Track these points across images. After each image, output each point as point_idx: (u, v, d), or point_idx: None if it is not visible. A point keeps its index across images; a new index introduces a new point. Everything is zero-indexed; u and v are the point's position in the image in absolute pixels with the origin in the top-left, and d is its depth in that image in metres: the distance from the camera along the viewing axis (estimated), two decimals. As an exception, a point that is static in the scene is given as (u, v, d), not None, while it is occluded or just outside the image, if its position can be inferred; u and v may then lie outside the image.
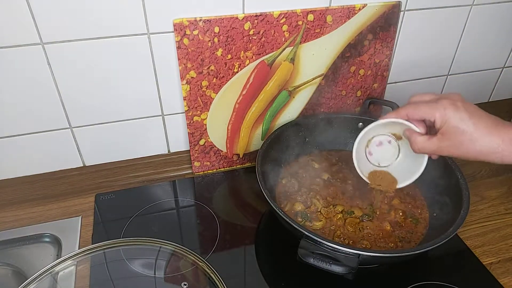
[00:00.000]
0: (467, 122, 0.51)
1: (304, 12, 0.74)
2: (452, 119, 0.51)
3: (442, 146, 0.53)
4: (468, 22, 0.90)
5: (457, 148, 0.52)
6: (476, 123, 0.50)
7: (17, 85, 0.71)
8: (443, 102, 0.52)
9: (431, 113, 0.53)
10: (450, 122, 0.51)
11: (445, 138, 0.52)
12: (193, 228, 0.75)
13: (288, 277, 0.66)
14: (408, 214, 0.72)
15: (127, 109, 0.80)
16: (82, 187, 0.81)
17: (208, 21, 0.70)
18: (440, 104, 0.52)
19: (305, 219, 0.70)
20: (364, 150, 0.64)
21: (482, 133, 0.50)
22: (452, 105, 0.52)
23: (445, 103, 0.52)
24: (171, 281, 0.65)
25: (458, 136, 0.51)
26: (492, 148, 0.50)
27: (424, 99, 0.56)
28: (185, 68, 0.74)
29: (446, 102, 0.52)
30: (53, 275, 0.65)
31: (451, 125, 0.51)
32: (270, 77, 0.79)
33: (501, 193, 0.82)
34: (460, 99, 0.53)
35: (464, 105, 0.52)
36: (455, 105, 0.52)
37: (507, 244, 0.72)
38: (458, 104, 0.52)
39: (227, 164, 0.87)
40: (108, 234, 0.72)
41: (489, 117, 0.52)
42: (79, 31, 0.68)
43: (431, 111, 0.53)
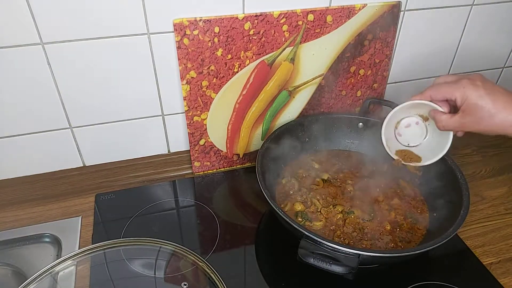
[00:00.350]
0: (485, 98, 0.54)
1: (304, 12, 0.74)
2: (471, 96, 0.55)
3: (464, 122, 0.57)
4: (468, 22, 0.90)
5: (478, 123, 0.56)
6: (494, 100, 0.54)
7: (17, 85, 0.71)
8: (463, 82, 0.56)
9: (452, 93, 0.57)
10: (470, 99, 0.55)
11: (466, 114, 0.56)
12: (193, 228, 0.75)
13: (288, 277, 0.66)
14: (408, 214, 0.72)
15: (127, 109, 0.80)
16: (82, 187, 0.81)
17: (208, 21, 0.70)
18: (460, 84, 0.56)
19: (305, 219, 0.70)
20: (393, 132, 0.67)
21: (500, 108, 0.54)
22: (471, 84, 0.55)
23: (464, 82, 0.56)
24: (171, 281, 0.65)
25: (478, 112, 0.55)
26: (509, 122, 0.54)
27: (446, 80, 0.60)
28: (185, 68, 0.74)
29: (466, 81, 0.56)
30: (53, 275, 0.65)
31: (471, 103, 0.55)
32: (270, 77, 0.79)
33: (501, 193, 0.82)
34: (479, 78, 0.56)
35: (483, 84, 0.55)
36: (474, 84, 0.55)
37: (507, 244, 0.72)
38: (477, 83, 0.55)
39: (227, 164, 0.87)
40: (108, 234, 0.72)
41: (508, 93, 0.55)
42: (79, 31, 0.68)
43: (451, 91, 0.57)
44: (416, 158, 0.70)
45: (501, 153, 0.93)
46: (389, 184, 0.78)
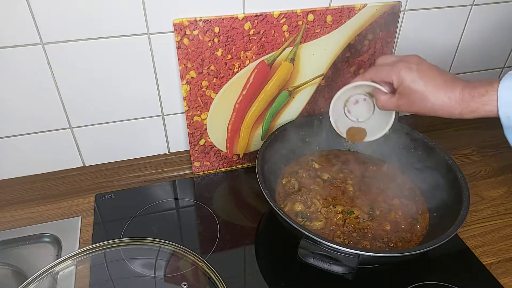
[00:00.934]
0: (418, 82, 0.56)
1: (304, 12, 0.74)
2: (406, 80, 0.57)
3: (399, 104, 0.59)
4: (468, 22, 0.90)
5: (411, 105, 0.58)
6: (426, 83, 0.56)
7: (17, 85, 0.71)
8: (399, 65, 0.58)
9: (389, 76, 0.59)
10: (404, 83, 0.57)
11: (401, 97, 0.58)
12: (193, 228, 0.75)
13: (288, 277, 0.66)
14: (408, 214, 0.72)
15: (127, 109, 0.80)
16: (82, 187, 0.81)
17: (208, 21, 0.70)
18: (396, 67, 0.58)
19: (305, 219, 0.70)
20: (343, 110, 0.70)
21: (432, 92, 0.55)
22: (406, 67, 0.57)
23: (400, 65, 0.58)
24: (171, 281, 0.65)
25: (411, 95, 0.57)
26: (439, 104, 0.55)
27: (386, 61, 0.62)
28: (185, 68, 0.74)
29: (402, 64, 0.58)
30: (53, 275, 0.65)
31: (405, 86, 0.57)
32: (270, 77, 0.79)
33: (501, 193, 0.82)
34: (415, 61, 0.58)
35: (417, 66, 0.57)
36: (409, 68, 0.57)
37: (507, 244, 0.72)
38: (412, 67, 0.57)
39: (227, 164, 0.87)
40: (108, 234, 0.72)
41: (441, 76, 0.56)
42: (79, 31, 0.68)
43: (388, 73, 0.59)
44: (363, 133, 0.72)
45: (501, 153, 0.93)
46: (389, 184, 0.78)
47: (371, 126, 0.69)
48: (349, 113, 0.70)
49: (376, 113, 0.68)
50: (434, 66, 0.58)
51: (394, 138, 0.80)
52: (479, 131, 0.98)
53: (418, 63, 0.58)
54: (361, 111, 0.69)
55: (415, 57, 0.59)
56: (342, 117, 0.71)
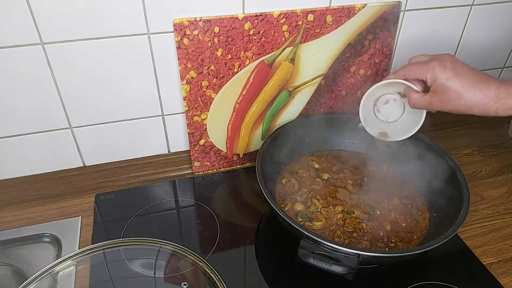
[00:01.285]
0: (453, 80, 0.56)
1: (304, 12, 0.74)
2: (440, 78, 0.57)
3: (433, 102, 0.59)
4: (468, 22, 0.90)
5: (445, 103, 0.58)
6: (461, 81, 0.56)
7: (17, 85, 0.71)
8: (433, 63, 0.58)
9: (422, 73, 0.59)
10: (438, 81, 0.57)
11: (435, 94, 0.58)
12: (193, 228, 0.75)
13: (288, 277, 0.66)
14: (408, 214, 0.72)
15: (127, 109, 0.80)
16: (82, 187, 0.81)
17: (208, 21, 0.70)
18: (430, 64, 0.58)
19: (305, 219, 0.70)
20: (372, 109, 0.70)
21: (466, 89, 0.56)
22: (440, 65, 0.57)
23: (434, 63, 0.58)
24: (171, 281, 0.65)
25: (446, 93, 0.57)
26: (475, 102, 0.56)
27: (420, 60, 0.62)
28: (185, 68, 0.74)
29: (435, 62, 0.58)
30: (53, 275, 0.65)
31: (439, 84, 0.57)
32: (270, 77, 0.79)
33: (501, 193, 0.82)
34: (449, 59, 0.58)
35: (452, 65, 0.57)
36: (443, 65, 0.57)
37: (507, 244, 0.72)
38: (446, 64, 0.57)
39: (227, 164, 0.87)
40: (108, 234, 0.72)
41: (475, 74, 0.57)
42: (79, 31, 0.68)
43: (422, 71, 0.59)
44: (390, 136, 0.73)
45: (501, 153, 0.93)
46: (389, 184, 0.78)
47: (401, 126, 0.69)
48: (379, 113, 0.70)
49: (405, 113, 0.68)
50: (467, 65, 0.58)
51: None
52: (479, 131, 0.98)
53: (452, 61, 0.58)
54: (391, 111, 0.69)
55: (449, 56, 0.59)
56: (371, 116, 0.70)
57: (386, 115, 0.69)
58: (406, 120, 0.68)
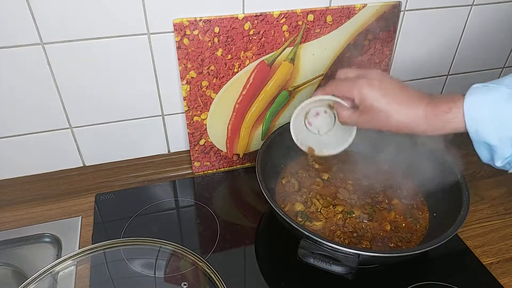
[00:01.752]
0: (381, 101, 0.54)
1: (304, 12, 0.74)
2: (368, 98, 0.55)
3: (361, 121, 0.58)
4: (468, 22, 0.90)
5: (374, 123, 0.56)
6: (389, 101, 0.54)
7: (17, 85, 0.71)
8: (360, 82, 0.56)
9: (350, 92, 0.57)
10: (366, 101, 0.55)
11: (363, 114, 0.56)
12: (193, 228, 0.75)
13: (288, 277, 0.66)
14: (408, 214, 0.72)
15: (127, 109, 0.80)
16: (82, 187, 0.81)
17: (208, 21, 0.70)
18: (357, 84, 0.56)
19: (305, 219, 0.70)
20: (303, 123, 0.68)
21: (395, 109, 0.54)
22: (367, 84, 0.55)
23: (362, 82, 0.55)
24: (171, 281, 0.65)
25: (374, 113, 0.55)
26: (404, 122, 0.54)
27: (347, 75, 0.59)
28: (185, 68, 0.74)
29: (363, 81, 0.55)
30: (53, 275, 0.65)
31: (367, 104, 0.55)
32: (270, 77, 0.79)
33: (501, 193, 0.82)
34: (377, 77, 0.56)
35: (380, 84, 0.55)
36: (371, 85, 0.55)
37: (507, 244, 0.72)
38: (374, 83, 0.55)
39: (227, 164, 0.87)
40: (108, 234, 0.72)
41: (405, 92, 0.54)
42: (79, 31, 0.68)
43: (350, 90, 0.57)
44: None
45: (501, 153, 0.93)
46: (389, 184, 0.78)
47: (334, 138, 0.68)
48: (310, 126, 0.68)
49: (337, 125, 0.66)
50: (397, 81, 0.56)
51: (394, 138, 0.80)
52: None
53: (380, 80, 0.55)
54: (322, 123, 0.67)
55: (377, 73, 0.57)
56: (303, 130, 0.69)
57: (317, 127, 0.68)
58: (338, 132, 0.66)
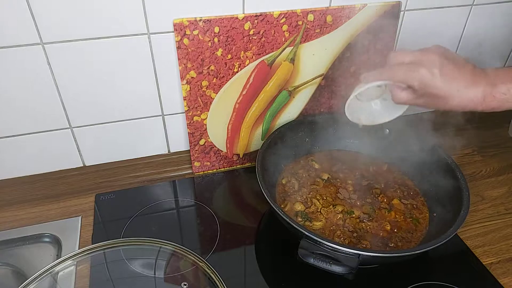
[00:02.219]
0: (442, 88, 0.55)
1: (304, 12, 0.74)
2: (428, 86, 0.55)
3: (418, 102, 0.58)
4: (468, 22, 0.90)
5: (432, 105, 0.58)
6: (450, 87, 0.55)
7: (17, 85, 0.71)
8: (421, 72, 0.55)
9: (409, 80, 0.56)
10: (427, 88, 0.56)
11: (422, 97, 0.57)
12: (193, 228, 0.75)
13: (288, 277, 0.66)
14: (408, 214, 0.72)
15: (127, 109, 0.80)
16: (82, 187, 0.81)
17: (208, 21, 0.70)
18: (418, 72, 0.55)
19: (305, 219, 0.70)
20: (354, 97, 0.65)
21: (454, 95, 0.55)
22: (428, 73, 0.55)
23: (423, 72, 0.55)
24: (171, 281, 0.65)
25: (434, 98, 0.56)
26: (463, 105, 0.56)
27: (403, 60, 0.58)
28: (185, 68, 0.74)
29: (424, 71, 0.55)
30: (53, 275, 0.65)
31: (428, 91, 0.56)
32: (270, 77, 0.79)
33: (501, 193, 0.82)
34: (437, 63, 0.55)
35: (440, 71, 0.55)
36: (431, 73, 0.55)
37: (507, 244, 0.72)
38: (434, 71, 0.55)
39: (227, 164, 0.87)
40: (108, 234, 0.72)
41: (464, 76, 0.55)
42: (79, 31, 0.68)
43: (408, 77, 0.56)
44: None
45: (501, 153, 0.93)
46: (389, 184, 0.78)
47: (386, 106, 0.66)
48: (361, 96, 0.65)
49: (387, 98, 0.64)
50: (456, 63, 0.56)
51: (394, 138, 0.80)
52: (479, 131, 0.98)
53: (440, 67, 0.55)
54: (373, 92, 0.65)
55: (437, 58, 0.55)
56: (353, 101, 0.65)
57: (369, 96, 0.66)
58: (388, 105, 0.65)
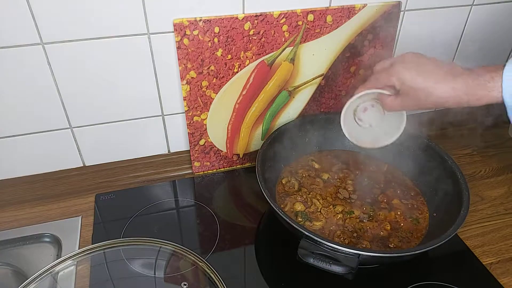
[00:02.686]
0: (418, 80, 0.57)
1: (304, 12, 0.74)
2: (405, 80, 0.58)
3: (406, 104, 0.60)
4: (468, 22, 0.90)
5: (417, 103, 0.58)
6: (426, 78, 0.56)
7: (17, 85, 0.71)
8: (396, 68, 0.59)
9: (389, 80, 0.60)
10: (405, 83, 0.58)
11: (405, 96, 0.59)
12: (193, 228, 0.75)
13: (288, 277, 0.66)
14: (408, 214, 0.72)
15: (127, 109, 0.80)
16: (82, 187, 0.81)
17: (208, 21, 0.70)
18: (394, 70, 0.59)
19: (305, 219, 0.70)
20: (354, 120, 0.70)
21: (434, 86, 0.56)
22: (403, 68, 0.58)
23: (398, 68, 0.59)
24: (171, 281, 0.65)
25: (415, 93, 0.58)
26: (446, 97, 0.56)
27: (384, 66, 0.62)
28: (185, 68, 0.74)
29: (399, 67, 0.59)
30: (53, 275, 0.65)
31: (406, 86, 0.58)
32: (270, 77, 0.79)
33: (501, 193, 0.82)
34: (411, 60, 0.59)
35: (415, 65, 0.58)
36: (407, 68, 0.58)
37: (507, 244, 0.72)
38: (409, 65, 0.58)
39: (227, 164, 0.87)
40: (108, 234, 0.72)
41: (440, 68, 0.57)
42: (79, 31, 0.68)
43: (388, 78, 0.60)
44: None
45: (501, 153, 0.93)
46: (389, 184, 0.78)
47: (387, 128, 0.69)
48: (361, 121, 0.70)
49: (387, 115, 0.67)
50: (432, 59, 0.58)
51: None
52: (479, 131, 0.98)
53: (415, 62, 0.58)
54: (372, 117, 0.69)
55: (410, 55, 0.59)
56: (355, 127, 0.70)
57: (368, 122, 0.69)
58: (390, 121, 0.68)
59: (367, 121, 0.69)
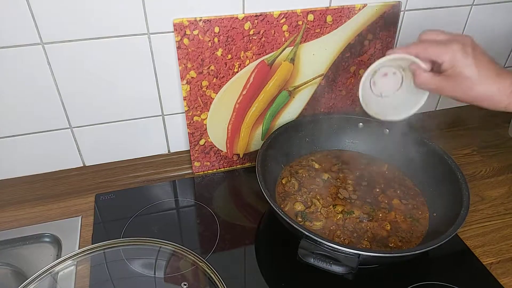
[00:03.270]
0: (472, 68, 0.52)
1: (304, 12, 0.74)
2: (459, 63, 0.53)
3: (443, 86, 0.55)
4: (468, 22, 0.90)
5: (456, 90, 0.54)
6: (480, 71, 0.52)
7: (17, 85, 0.71)
8: (454, 46, 0.53)
9: (440, 56, 0.54)
10: (457, 67, 0.53)
11: (449, 79, 0.54)
12: (193, 228, 0.75)
13: (288, 277, 0.66)
14: (408, 214, 0.72)
15: (127, 109, 0.80)
16: (82, 187, 0.81)
17: (208, 21, 0.70)
18: (450, 47, 0.53)
19: (305, 219, 0.70)
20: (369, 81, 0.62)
21: (482, 81, 0.52)
22: (462, 50, 0.53)
23: (457, 47, 0.53)
24: (171, 281, 0.65)
25: (460, 80, 0.53)
26: (487, 95, 0.53)
27: (436, 38, 0.56)
28: (185, 68, 0.74)
29: (458, 47, 0.53)
30: (53, 275, 0.65)
31: (458, 70, 0.53)
32: (270, 77, 0.79)
33: (501, 193, 0.82)
34: (470, 44, 0.53)
35: (473, 52, 0.53)
36: (465, 51, 0.53)
37: (507, 245, 0.72)
38: (468, 50, 0.53)
39: (227, 164, 0.87)
40: (108, 234, 0.72)
41: (494, 65, 0.53)
42: (79, 31, 0.68)
43: (440, 53, 0.54)
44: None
45: (501, 153, 0.93)
46: (389, 184, 0.78)
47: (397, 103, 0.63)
48: (374, 86, 0.63)
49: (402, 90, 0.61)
50: (487, 53, 0.54)
51: (394, 138, 0.80)
52: (479, 131, 0.98)
53: (474, 48, 0.53)
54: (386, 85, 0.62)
55: (470, 40, 0.54)
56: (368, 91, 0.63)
57: (380, 89, 0.62)
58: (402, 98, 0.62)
59: (380, 88, 0.62)
